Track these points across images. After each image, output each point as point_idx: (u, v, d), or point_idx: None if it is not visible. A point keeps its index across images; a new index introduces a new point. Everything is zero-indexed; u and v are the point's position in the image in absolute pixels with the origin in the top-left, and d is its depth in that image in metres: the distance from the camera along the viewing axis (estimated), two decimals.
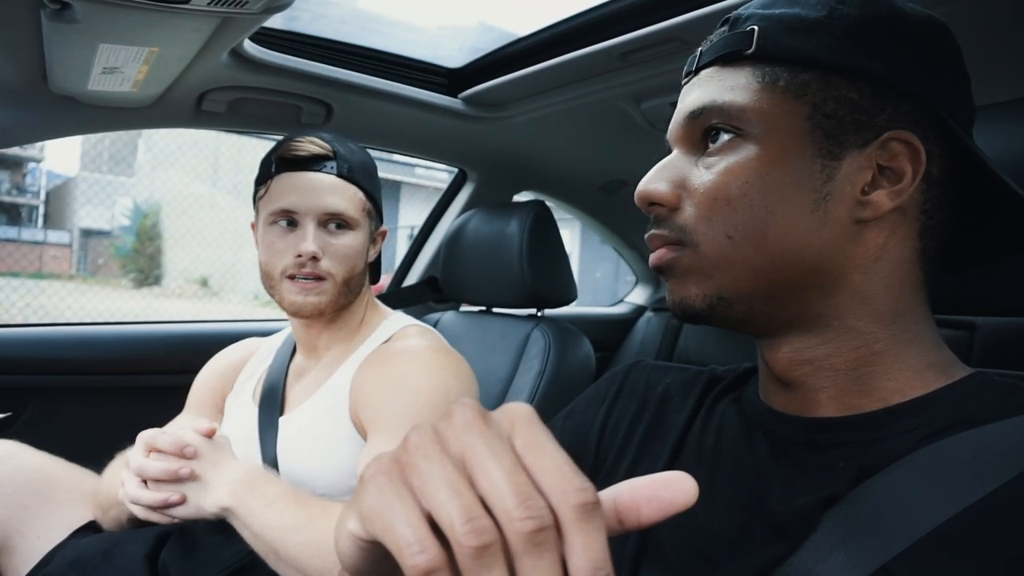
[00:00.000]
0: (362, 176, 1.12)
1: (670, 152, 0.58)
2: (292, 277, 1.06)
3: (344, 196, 1.08)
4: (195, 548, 1.00)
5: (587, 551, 0.27)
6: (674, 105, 0.58)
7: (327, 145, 1.09)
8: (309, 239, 1.04)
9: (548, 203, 1.57)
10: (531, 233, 1.46)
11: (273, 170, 1.08)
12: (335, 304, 1.10)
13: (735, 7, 0.57)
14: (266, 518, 0.88)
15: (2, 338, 1.47)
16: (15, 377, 1.45)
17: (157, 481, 0.92)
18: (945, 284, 0.63)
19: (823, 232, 0.49)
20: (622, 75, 1.29)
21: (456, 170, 1.96)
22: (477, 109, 1.58)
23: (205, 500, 0.91)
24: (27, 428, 1.44)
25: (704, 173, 0.53)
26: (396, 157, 1.80)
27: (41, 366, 1.48)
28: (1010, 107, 0.68)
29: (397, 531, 0.28)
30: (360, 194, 1.11)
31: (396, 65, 1.49)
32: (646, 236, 0.56)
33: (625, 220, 2.25)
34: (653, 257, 0.55)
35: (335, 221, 1.08)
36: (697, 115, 0.53)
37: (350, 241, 1.09)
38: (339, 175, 1.08)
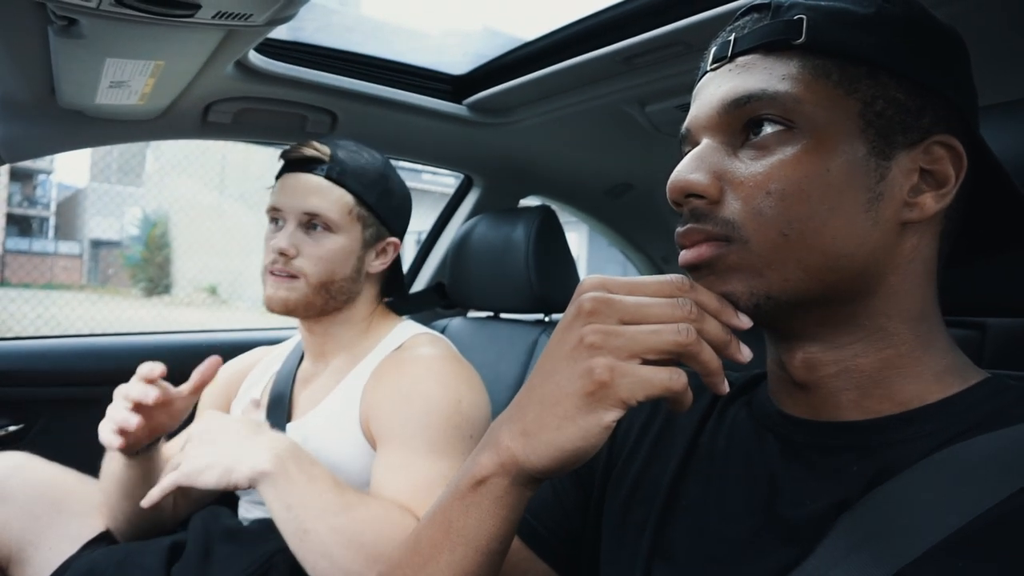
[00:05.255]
0: (355, 181, 1.11)
1: (681, 149, 0.57)
2: (272, 273, 1.10)
3: (327, 198, 1.09)
4: (208, 559, 1.00)
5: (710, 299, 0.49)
6: (680, 108, 0.56)
7: (324, 148, 1.11)
8: (283, 237, 1.09)
9: (554, 207, 1.56)
10: (537, 238, 1.46)
11: (279, 171, 1.15)
12: (309, 305, 1.10)
13: (741, 9, 0.56)
14: (305, 494, 0.86)
15: (14, 350, 1.48)
16: (27, 389, 1.46)
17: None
18: (955, 285, 0.62)
19: (874, 232, 0.48)
20: (626, 79, 1.29)
21: (462, 176, 1.96)
22: (482, 115, 1.58)
23: (241, 463, 0.87)
24: (39, 440, 1.44)
25: (751, 165, 0.49)
26: (401, 163, 1.80)
27: (53, 378, 1.49)
28: (1010, 107, 0.68)
29: (663, 336, 0.46)
30: (348, 197, 1.11)
31: (400, 73, 1.49)
32: (680, 231, 0.52)
33: (632, 223, 2.24)
34: (690, 254, 0.51)
35: (316, 222, 1.10)
36: (742, 103, 0.50)
37: (330, 244, 1.10)
38: (327, 177, 1.10)
